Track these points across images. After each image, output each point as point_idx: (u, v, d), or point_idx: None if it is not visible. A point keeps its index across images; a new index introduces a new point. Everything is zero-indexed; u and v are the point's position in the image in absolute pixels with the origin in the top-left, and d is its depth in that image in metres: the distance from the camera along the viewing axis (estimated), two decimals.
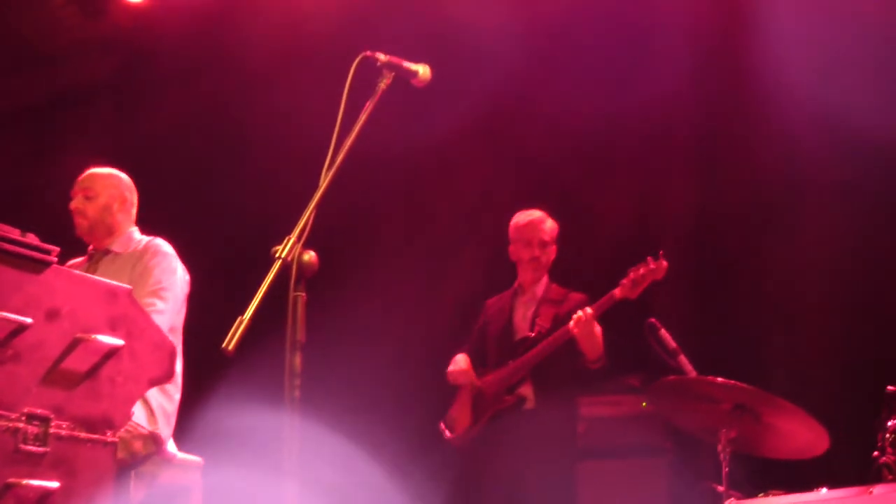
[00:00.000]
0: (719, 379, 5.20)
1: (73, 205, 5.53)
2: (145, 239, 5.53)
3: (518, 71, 7.61)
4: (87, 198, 5.52)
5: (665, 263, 5.94)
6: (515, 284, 6.47)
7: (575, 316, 5.94)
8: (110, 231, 5.52)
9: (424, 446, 6.84)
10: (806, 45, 6.97)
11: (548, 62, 7.80)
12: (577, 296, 6.31)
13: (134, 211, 5.64)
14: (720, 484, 5.21)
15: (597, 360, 6.01)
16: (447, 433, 6.33)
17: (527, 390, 6.14)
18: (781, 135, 7.15)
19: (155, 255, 5.36)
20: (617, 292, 5.95)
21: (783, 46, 7.01)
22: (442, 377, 6.41)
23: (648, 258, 5.94)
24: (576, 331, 5.92)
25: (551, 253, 6.37)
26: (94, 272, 5.35)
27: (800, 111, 6.97)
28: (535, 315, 6.29)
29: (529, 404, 6.12)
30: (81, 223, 5.51)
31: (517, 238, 6.38)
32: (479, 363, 6.35)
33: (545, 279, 6.40)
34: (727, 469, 5.21)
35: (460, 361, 6.36)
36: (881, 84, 6.92)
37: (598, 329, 5.95)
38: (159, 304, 5.12)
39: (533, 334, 6.20)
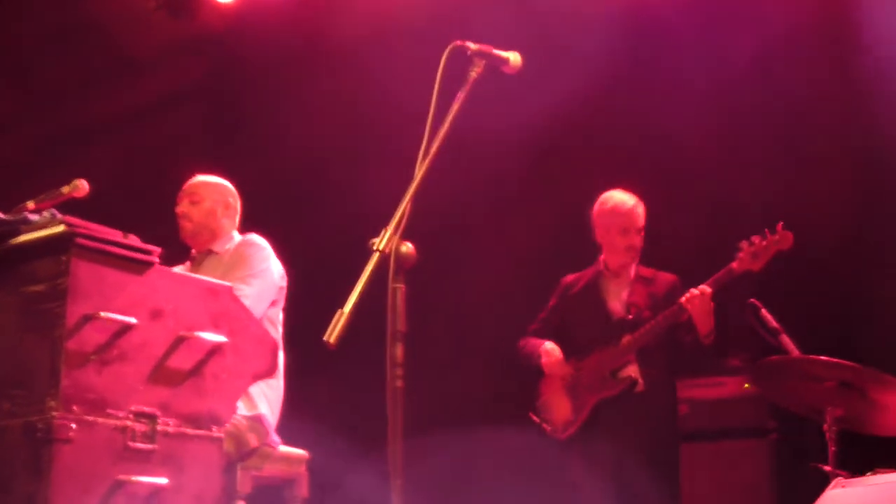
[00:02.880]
0: (823, 357, 5.15)
1: (179, 209, 5.66)
2: (241, 237, 5.64)
3: (612, 58, 7.56)
4: (193, 203, 5.66)
5: (790, 234, 5.78)
6: (600, 266, 6.32)
7: (689, 293, 5.85)
8: (213, 235, 5.64)
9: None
10: None
11: (641, 53, 7.74)
12: (666, 276, 6.20)
13: (237, 217, 5.75)
14: (826, 463, 5.16)
15: (708, 334, 5.91)
16: (546, 426, 6.21)
17: (633, 373, 6.06)
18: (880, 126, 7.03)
19: (248, 247, 5.49)
20: (735, 266, 5.83)
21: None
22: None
23: (766, 231, 5.81)
24: (689, 307, 5.82)
25: (643, 238, 6.24)
26: (196, 273, 5.45)
27: None
28: (631, 296, 6.19)
29: (639, 387, 6.02)
30: (186, 226, 5.65)
31: (612, 224, 6.21)
32: (564, 346, 6.23)
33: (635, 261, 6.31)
34: (834, 448, 5.15)
35: (553, 351, 6.24)
36: None
37: (712, 305, 5.85)
38: (244, 290, 5.17)
39: (630, 316, 6.13)
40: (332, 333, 3.26)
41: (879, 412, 5.26)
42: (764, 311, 5.69)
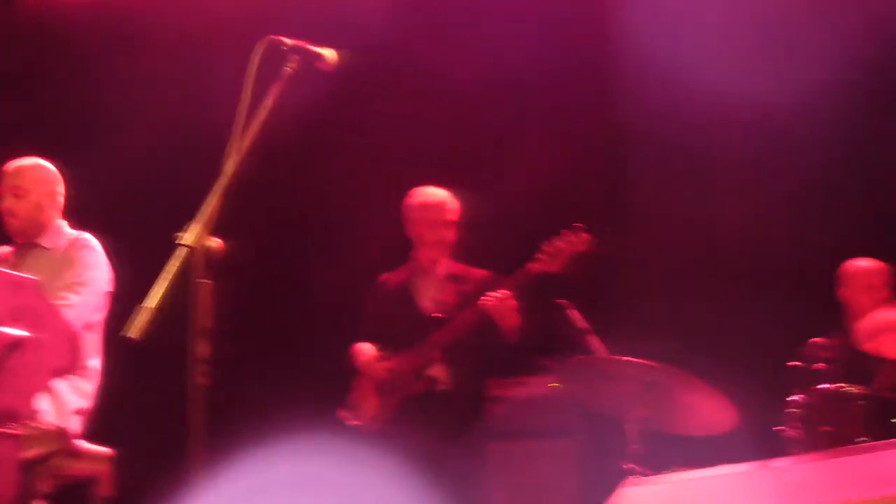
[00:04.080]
0: (628, 357, 5.26)
1: (3, 205, 5.41)
2: (74, 234, 5.44)
3: (394, 36, 7.69)
4: (17, 196, 5.39)
5: (586, 236, 5.89)
6: (412, 262, 6.35)
7: (486, 295, 5.90)
8: (41, 228, 5.41)
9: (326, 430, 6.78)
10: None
11: (424, 27, 7.88)
12: (478, 272, 6.24)
13: (62, 202, 5.53)
14: (629, 462, 5.27)
15: (513, 333, 5.99)
16: (352, 421, 6.23)
17: (438, 372, 6.09)
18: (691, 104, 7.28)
19: (80, 250, 5.30)
20: (533, 267, 5.92)
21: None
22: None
23: (563, 231, 5.91)
24: (486, 308, 5.87)
25: (455, 233, 6.29)
26: (20, 265, 5.27)
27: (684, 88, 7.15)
28: (440, 294, 6.21)
29: (443, 386, 6.08)
30: (13, 223, 5.40)
31: (421, 218, 6.25)
32: (380, 345, 6.24)
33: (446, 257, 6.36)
34: (635, 447, 5.27)
35: (366, 350, 6.26)
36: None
37: (513, 304, 5.94)
38: (72, 298, 5.05)
39: (439, 315, 6.16)
40: (134, 328, 3.21)
41: (681, 412, 5.39)
42: (572, 311, 5.78)
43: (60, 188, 5.54)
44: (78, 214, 5.63)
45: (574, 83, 7.74)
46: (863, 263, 6.44)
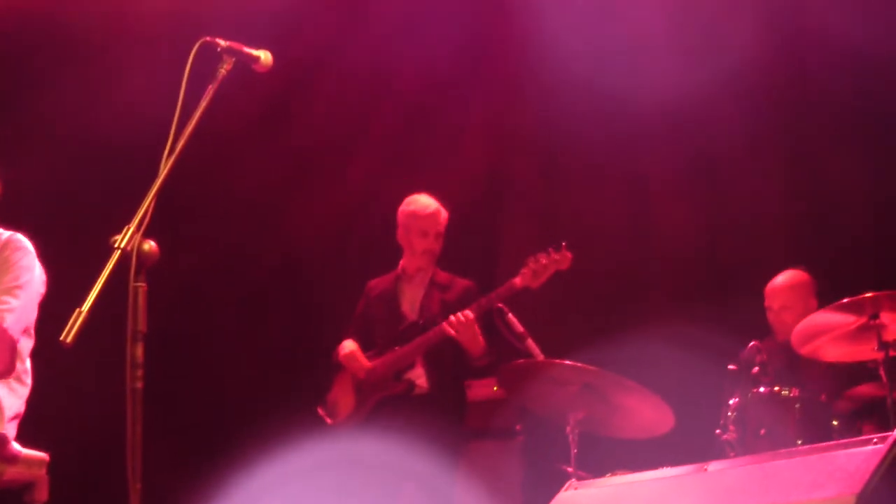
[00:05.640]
0: (566, 361, 5.29)
1: None
2: (6, 234, 5.29)
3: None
4: None
5: (569, 255, 5.93)
6: (399, 269, 6.43)
7: (452, 318, 5.94)
8: None
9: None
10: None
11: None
12: (463, 282, 6.33)
13: None
14: (569, 465, 5.30)
15: (480, 357, 6.01)
16: (328, 419, 6.28)
17: (417, 375, 6.13)
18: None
19: (15, 252, 5.13)
20: (518, 281, 5.92)
21: None
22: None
23: (550, 249, 5.94)
24: (452, 332, 5.92)
25: (442, 243, 6.35)
26: None
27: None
28: (424, 301, 6.29)
29: (422, 389, 6.12)
30: None
31: (413, 227, 6.32)
32: (365, 348, 6.30)
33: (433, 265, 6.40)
34: (576, 450, 5.30)
35: (349, 346, 6.30)
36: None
37: (474, 328, 5.92)
38: (13, 302, 4.93)
39: (421, 321, 6.19)
40: (70, 333, 3.17)
41: (620, 415, 5.44)
42: (510, 316, 5.81)
43: None
44: (11, 217, 5.54)
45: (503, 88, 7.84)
46: (781, 283, 6.31)
